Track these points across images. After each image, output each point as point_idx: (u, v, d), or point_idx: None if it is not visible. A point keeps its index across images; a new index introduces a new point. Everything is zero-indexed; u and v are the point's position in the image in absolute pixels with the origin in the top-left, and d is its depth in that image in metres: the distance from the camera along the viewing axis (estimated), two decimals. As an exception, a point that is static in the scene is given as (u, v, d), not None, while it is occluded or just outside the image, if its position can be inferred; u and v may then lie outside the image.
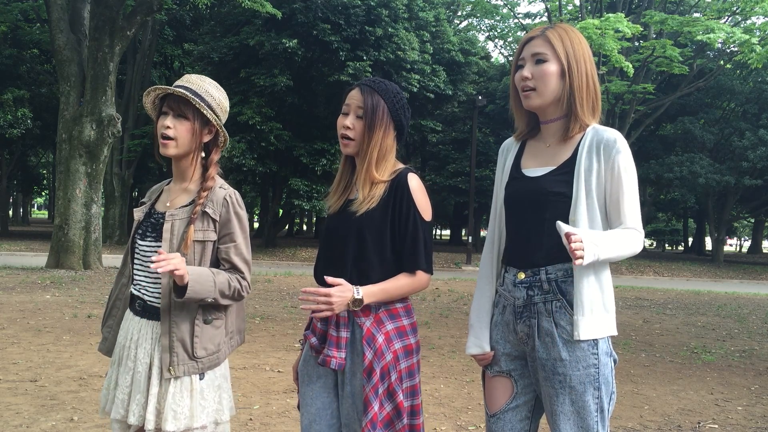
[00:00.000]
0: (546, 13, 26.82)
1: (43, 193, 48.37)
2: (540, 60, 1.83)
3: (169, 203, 2.07)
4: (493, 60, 33.32)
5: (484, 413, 1.99)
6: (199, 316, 1.98)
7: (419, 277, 1.94)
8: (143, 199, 2.20)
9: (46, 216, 57.32)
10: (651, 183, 26.42)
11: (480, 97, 22.66)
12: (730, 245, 56.78)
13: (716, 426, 4.25)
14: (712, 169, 23.77)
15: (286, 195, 22.46)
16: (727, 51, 22.66)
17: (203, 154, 2.07)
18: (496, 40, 32.71)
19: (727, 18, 21.78)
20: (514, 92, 1.92)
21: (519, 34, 29.63)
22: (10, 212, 39.94)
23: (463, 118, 28.82)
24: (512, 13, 29.81)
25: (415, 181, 1.94)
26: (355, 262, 1.92)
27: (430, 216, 1.97)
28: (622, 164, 1.77)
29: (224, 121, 2.08)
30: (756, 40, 15.46)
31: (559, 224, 1.69)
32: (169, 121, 1.99)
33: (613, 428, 4.05)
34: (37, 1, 21.55)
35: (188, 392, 1.96)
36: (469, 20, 32.70)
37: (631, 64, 16.16)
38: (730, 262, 28.51)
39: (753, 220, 39.97)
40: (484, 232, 39.52)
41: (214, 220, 2.01)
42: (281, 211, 25.86)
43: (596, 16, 19.59)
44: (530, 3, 49.12)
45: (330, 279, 1.86)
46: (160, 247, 1.98)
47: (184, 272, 1.84)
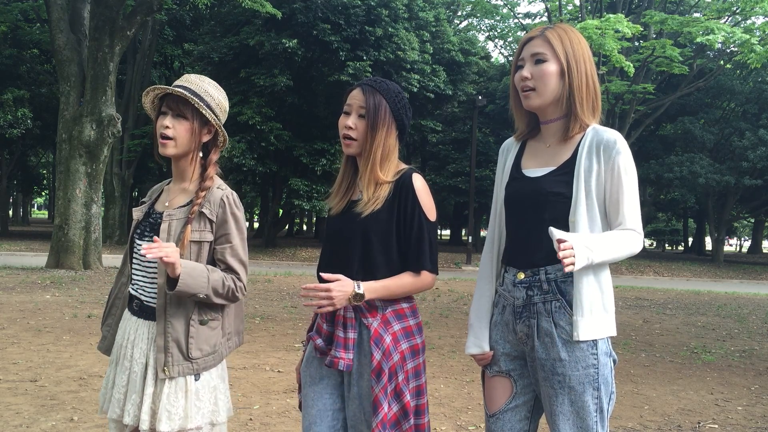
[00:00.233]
0: (546, 13, 26.82)
1: (43, 193, 48.38)
2: (539, 60, 1.83)
3: (167, 203, 2.07)
4: (493, 60, 33.32)
5: (484, 413, 1.99)
6: (195, 317, 1.98)
7: (424, 278, 1.93)
8: (143, 199, 2.20)
9: (46, 216, 57.33)
10: (651, 183, 26.43)
11: (480, 97, 22.66)
12: (730, 245, 56.80)
13: (716, 426, 4.25)
14: (712, 169, 23.78)
15: (286, 195, 22.46)
16: (727, 51, 22.66)
17: (202, 154, 2.07)
18: (496, 40, 32.74)
19: (727, 18, 21.77)
20: (514, 92, 1.92)
21: (519, 34, 29.64)
22: (10, 212, 39.95)
23: (463, 118, 28.83)
24: (512, 13, 29.82)
25: (420, 182, 1.94)
26: (361, 264, 1.92)
27: (435, 216, 1.97)
28: (622, 165, 1.77)
29: (223, 122, 2.08)
30: (756, 40, 15.46)
31: (551, 230, 1.69)
32: (168, 121, 1.99)
33: (613, 428, 4.05)
34: (37, 1, 21.56)
35: (183, 393, 1.95)
36: (469, 20, 32.73)
37: (631, 64, 16.15)
38: (730, 262, 28.52)
39: (753, 220, 39.97)
40: (484, 232, 39.51)
41: (211, 221, 2.00)
42: (281, 211, 25.87)
43: (596, 16, 19.60)
44: (530, 3, 49.12)
45: (327, 275, 1.86)
46: None
47: (175, 261, 1.83)
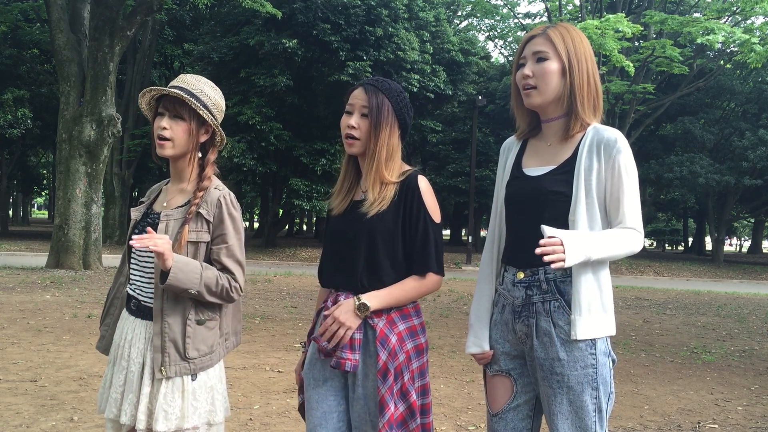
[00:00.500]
0: (546, 13, 26.83)
1: (43, 193, 48.40)
2: (541, 58, 1.83)
3: (165, 203, 2.07)
4: (493, 60, 33.31)
5: (486, 413, 1.99)
6: (192, 317, 1.97)
7: (429, 279, 1.93)
8: (142, 199, 2.20)
9: (46, 216, 57.32)
10: (651, 183, 26.43)
11: (480, 97, 22.66)
12: (730, 245, 56.78)
13: (716, 426, 4.25)
14: (712, 169, 23.78)
15: (286, 195, 22.46)
16: (727, 51, 22.66)
17: (200, 154, 2.07)
18: (496, 40, 32.75)
19: (727, 18, 21.77)
20: (516, 91, 1.92)
21: (519, 34, 29.64)
22: (10, 212, 39.95)
23: (463, 118, 28.82)
24: (512, 13, 29.83)
25: (425, 183, 1.94)
26: (366, 266, 1.91)
27: (440, 218, 1.97)
28: (622, 164, 1.77)
29: (220, 121, 2.08)
30: (756, 40, 15.45)
31: (543, 228, 1.69)
32: (165, 122, 1.99)
33: (613, 428, 4.05)
34: (37, 1, 21.56)
35: (180, 393, 1.95)
36: (469, 20, 32.72)
37: (631, 64, 16.16)
38: (730, 262, 28.52)
39: (753, 220, 39.98)
40: (484, 232, 39.52)
41: (208, 221, 2.00)
42: (281, 211, 25.87)
43: (596, 16, 19.61)
44: (530, 3, 49.14)
45: (327, 312, 1.91)
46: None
47: (163, 252, 1.82)
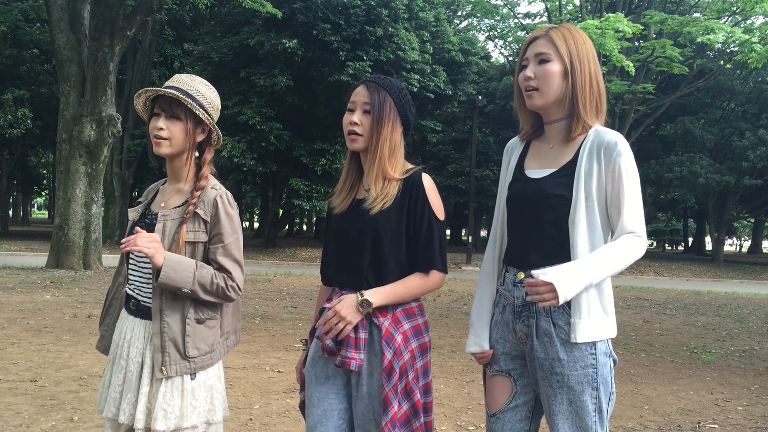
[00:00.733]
0: (546, 13, 26.82)
1: (43, 193, 48.39)
2: (543, 60, 1.83)
3: (163, 204, 2.07)
4: (493, 60, 33.32)
5: (485, 412, 1.99)
6: (191, 316, 1.98)
7: (433, 277, 1.93)
8: (140, 199, 2.20)
9: (46, 216, 57.31)
10: (651, 183, 26.43)
11: (480, 97, 22.66)
12: (730, 245, 56.77)
13: (716, 426, 4.25)
14: (712, 169, 23.78)
15: (286, 195, 22.46)
16: (727, 51, 22.66)
17: (197, 154, 2.07)
18: (496, 40, 32.71)
19: (727, 18, 21.77)
20: (518, 92, 1.92)
21: (519, 34, 29.63)
22: (10, 212, 39.95)
23: (463, 118, 28.82)
24: (512, 13, 29.81)
25: (429, 181, 1.94)
26: (371, 265, 1.91)
27: (443, 215, 1.97)
28: (623, 166, 1.76)
29: (216, 120, 2.08)
30: (756, 40, 15.46)
31: (532, 271, 1.66)
32: (162, 123, 1.99)
33: (613, 428, 4.05)
34: (37, 1, 21.55)
35: (179, 392, 1.95)
36: (469, 20, 32.71)
37: (631, 64, 16.16)
38: (730, 262, 28.52)
39: (753, 220, 39.98)
40: (484, 232, 39.55)
41: (205, 221, 2.00)
42: (281, 211, 25.86)
43: (596, 16, 19.60)
44: (530, 3, 49.13)
45: (328, 305, 1.93)
46: None
47: (148, 253, 1.85)
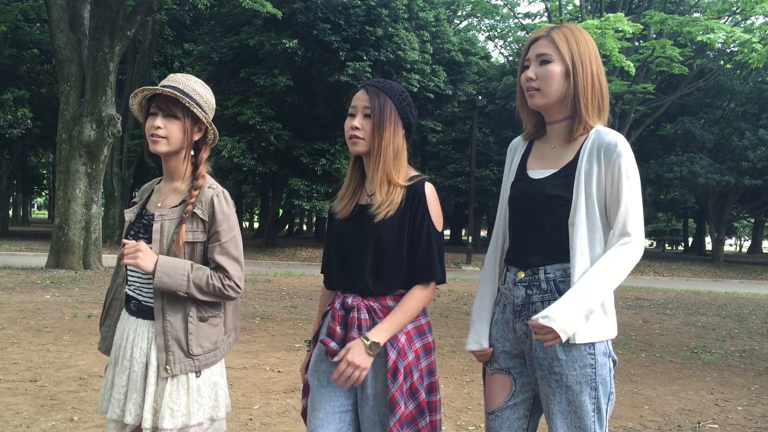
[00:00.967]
0: (546, 13, 26.83)
1: (43, 193, 48.40)
2: (545, 61, 1.83)
3: (160, 203, 2.07)
4: (493, 60, 33.32)
5: (484, 411, 2.00)
6: (193, 314, 1.99)
7: (431, 288, 1.93)
8: (134, 199, 2.20)
9: (46, 216, 57.32)
10: (651, 183, 26.43)
11: (480, 97, 22.66)
12: (730, 245, 56.77)
13: (716, 426, 4.25)
14: (712, 169, 23.78)
15: (286, 195, 22.46)
16: (727, 51, 22.67)
17: (193, 153, 2.07)
18: (496, 40, 32.73)
19: (727, 18, 21.77)
20: (520, 92, 1.93)
21: (519, 34, 29.64)
22: (10, 212, 39.95)
23: (463, 118, 28.82)
24: (512, 13, 29.82)
25: (431, 191, 1.95)
26: (372, 271, 1.91)
27: (441, 226, 1.97)
28: (623, 168, 1.76)
29: (211, 118, 2.09)
30: (756, 40, 15.46)
31: (530, 320, 1.70)
32: (159, 121, 1.99)
33: (613, 428, 4.05)
34: (37, 1, 21.55)
35: (185, 390, 1.97)
36: (469, 20, 32.70)
37: (632, 64, 16.16)
38: (730, 262, 28.51)
39: (753, 220, 39.98)
40: (484, 232, 39.56)
41: (203, 221, 2.01)
42: (281, 211, 25.87)
43: (596, 16, 19.60)
44: (530, 3, 49.14)
45: (337, 357, 1.86)
46: (151, 248, 1.99)
47: (138, 263, 1.89)
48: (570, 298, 1.69)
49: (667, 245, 50.56)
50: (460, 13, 31.92)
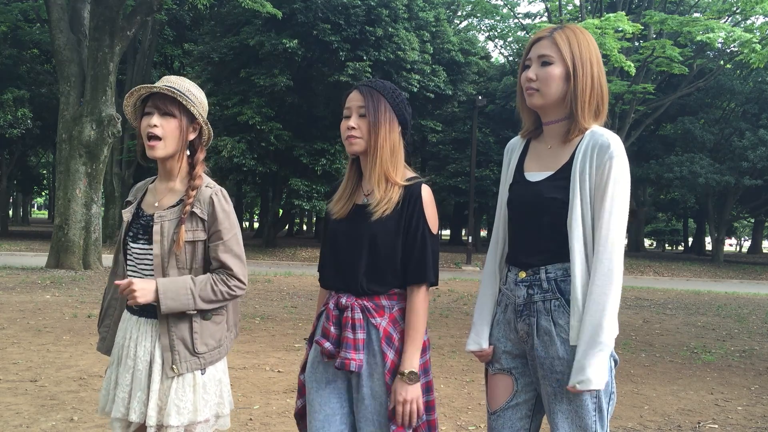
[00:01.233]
0: (546, 13, 26.84)
1: (43, 193, 48.37)
2: (546, 62, 1.83)
3: (157, 204, 2.07)
4: (493, 60, 33.32)
5: (486, 411, 2.00)
6: (197, 313, 2.00)
7: (425, 292, 1.94)
8: (128, 198, 2.19)
9: (46, 216, 57.32)
10: (651, 183, 26.44)
11: (480, 97, 22.65)
12: (730, 245, 56.75)
13: (716, 426, 4.25)
14: (712, 169, 23.77)
15: (286, 195, 22.46)
16: (727, 51, 22.67)
17: (188, 153, 2.08)
18: (496, 40, 32.76)
19: (727, 18, 21.78)
20: (520, 91, 1.93)
21: (519, 34, 29.65)
22: (10, 212, 39.94)
23: (463, 118, 28.81)
24: (512, 13, 29.83)
25: (428, 193, 1.95)
26: (366, 271, 1.92)
27: (437, 229, 1.98)
28: (613, 170, 1.74)
29: (204, 118, 2.10)
30: (756, 40, 15.46)
31: (569, 388, 1.74)
32: (156, 120, 1.99)
33: (613, 428, 4.05)
34: (37, 1, 21.55)
35: (191, 387, 1.99)
36: (469, 20, 32.72)
37: (632, 64, 16.16)
38: (730, 262, 28.50)
39: (753, 220, 39.97)
40: (484, 232, 39.53)
41: (203, 220, 2.01)
42: (281, 211, 25.87)
43: (596, 16, 19.60)
44: (530, 3, 49.15)
45: (397, 411, 1.85)
46: (152, 250, 2.00)
47: (138, 301, 1.91)
48: (590, 350, 1.70)
49: (667, 245, 50.57)
50: (460, 13, 31.94)
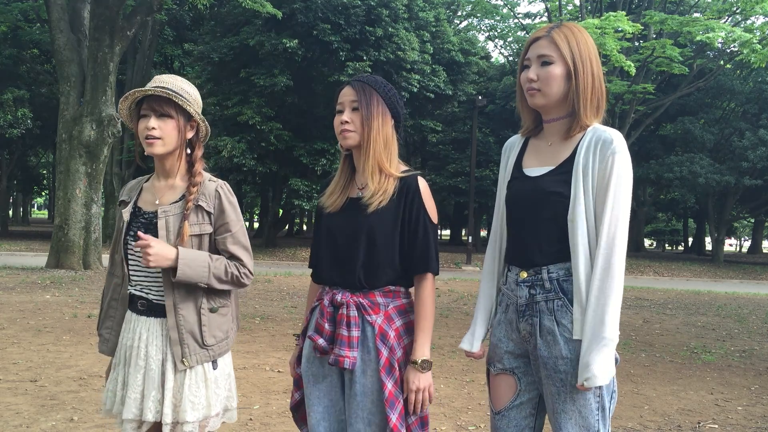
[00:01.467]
0: (546, 13, 26.84)
1: (43, 193, 48.35)
2: (546, 62, 1.82)
3: (158, 201, 2.09)
4: (493, 60, 33.32)
5: (489, 411, 2.01)
6: (204, 305, 2.03)
7: (429, 279, 1.95)
8: (123, 198, 2.20)
9: (46, 216, 57.31)
10: (651, 183, 26.44)
11: (480, 97, 22.65)
12: (730, 245, 56.76)
13: (716, 426, 4.25)
14: (712, 169, 23.77)
15: (286, 195, 22.45)
16: (727, 51, 22.67)
17: (188, 151, 2.09)
18: (496, 40, 32.76)
19: (727, 18, 21.77)
20: (520, 90, 1.93)
21: (519, 34, 29.66)
22: (10, 212, 39.94)
23: (463, 118, 28.81)
24: (512, 13, 29.84)
25: (424, 185, 1.97)
26: (364, 264, 1.92)
27: (436, 218, 2.00)
28: (616, 165, 1.74)
29: (200, 115, 2.11)
30: (756, 40, 15.46)
31: (578, 386, 1.74)
32: (153, 122, 2.00)
33: (613, 428, 4.05)
34: (37, 1, 21.54)
35: (203, 382, 2.02)
36: (469, 20, 32.72)
37: (632, 64, 16.15)
38: (730, 262, 28.50)
39: (753, 220, 39.97)
40: (484, 232, 39.51)
41: (209, 213, 2.04)
42: (281, 211, 25.86)
43: (596, 16, 19.59)
44: (530, 3, 49.16)
45: (406, 394, 1.88)
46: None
47: (152, 262, 1.90)
48: (594, 346, 1.70)
49: (667, 245, 50.56)
50: (460, 13, 31.93)
